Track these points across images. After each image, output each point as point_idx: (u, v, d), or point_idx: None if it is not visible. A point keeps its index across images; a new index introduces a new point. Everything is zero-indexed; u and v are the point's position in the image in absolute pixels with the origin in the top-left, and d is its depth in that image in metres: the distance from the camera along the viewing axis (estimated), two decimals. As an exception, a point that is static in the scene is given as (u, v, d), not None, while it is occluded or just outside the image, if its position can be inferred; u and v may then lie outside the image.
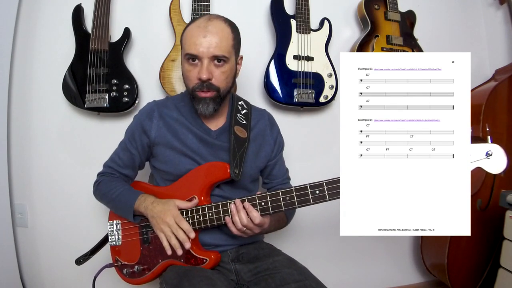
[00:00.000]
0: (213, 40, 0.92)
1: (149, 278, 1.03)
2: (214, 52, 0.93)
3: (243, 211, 0.90)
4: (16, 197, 1.48)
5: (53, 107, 1.47)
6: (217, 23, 0.96)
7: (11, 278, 1.43)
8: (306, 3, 1.49)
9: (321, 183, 0.86)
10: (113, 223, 1.08)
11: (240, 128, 1.05)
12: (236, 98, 1.12)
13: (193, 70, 0.95)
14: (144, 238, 1.03)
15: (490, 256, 1.47)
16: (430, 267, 1.64)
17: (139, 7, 1.51)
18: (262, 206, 0.90)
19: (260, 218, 0.89)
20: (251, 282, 0.97)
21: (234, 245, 1.04)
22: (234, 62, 1.01)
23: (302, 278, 0.91)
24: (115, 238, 1.07)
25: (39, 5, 1.47)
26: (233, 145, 1.01)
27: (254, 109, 1.15)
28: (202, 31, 0.93)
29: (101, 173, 1.12)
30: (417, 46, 1.60)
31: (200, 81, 0.95)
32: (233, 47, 0.98)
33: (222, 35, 0.94)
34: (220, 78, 0.96)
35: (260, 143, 1.10)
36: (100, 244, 1.15)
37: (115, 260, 1.08)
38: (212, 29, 0.94)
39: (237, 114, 1.08)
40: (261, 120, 1.13)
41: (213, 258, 0.96)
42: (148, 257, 1.03)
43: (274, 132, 1.15)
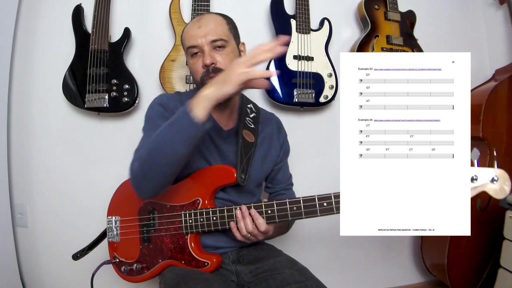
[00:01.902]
0: (208, 27, 0.95)
1: (147, 277, 1.03)
2: (211, 38, 0.94)
3: (249, 218, 0.89)
4: (16, 197, 1.48)
5: (53, 107, 1.47)
6: (209, 15, 1.01)
7: (11, 278, 1.43)
8: (306, 3, 1.49)
9: (329, 195, 0.86)
10: (112, 219, 1.07)
11: (248, 132, 1.04)
12: (245, 100, 1.12)
13: (198, 61, 0.96)
14: (144, 237, 1.03)
15: (490, 256, 1.47)
16: (430, 267, 1.64)
17: (139, 7, 1.52)
18: (268, 214, 0.89)
19: (265, 225, 0.89)
20: (251, 283, 0.97)
21: (235, 247, 1.04)
22: (235, 45, 1.01)
23: (303, 279, 0.91)
24: (113, 234, 1.06)
25: (39, 5, 1.47)
26: (240, 149, 1.00)
27: (263, 113, 1.15)
28: (196, 23, 0.97)
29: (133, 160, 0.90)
30: (417, 46, 1.60)
31: (206, 68, 0.95)
32: (229, 31, 0.99)
33: (215, 22, 0.97)
34: (224, 61, 0.96)
35: (267, 147, 1.09)
36: (98, 239, 1.14)
37: (112, 256, 1.07)
38: (204, 20, 0.97)
39: (246, 117, 1.07)
40: (269, 125, 1.13)
41: (215, 262, 0.95)
42: (148, 256, 1.02)
43: (281, 137, 1.14)
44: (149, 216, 1.01)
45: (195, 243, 0.97)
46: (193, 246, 0.97)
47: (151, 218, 1.01)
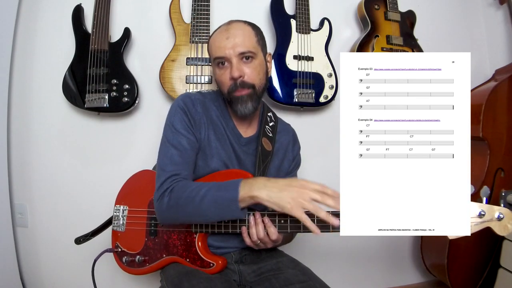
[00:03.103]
0: (237, 39, 0.94)
1: (148, 271, 1.02)
2: (240, 50, 0.93)
3: (261, 225, 0.88)
4: (16, 197, 1.48)
5: (53, 107, 1.47)
6: (237, 24, 0.98)
7: (11, 278, 1.43)
8: (306, 3, 1.50)
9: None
10: (119, 208, 1.06)
11: (266, 141, 1.04)
12: (266, 109, 1.12)
13: (225, 73, 0.95)
14: (151, 230, 1.01)
15: (490, 256, 1.47)
16: (430, 267, 1.64)
17: (139, 7, 1.52)
18: (281, 224, 0.87)
19: (277, 234, 0.87)
20: (254, 282, 0.97)
21: (238, 247, 1.04)
22: (263, 57, 1.00)
23: (306, 279, 0.91)
24: (119, 224, 1.05)
25: (39, 5, 1.47)
26: (259, 156, 1.00)
27: (280, 123, 1.15)
28: (224, 34, 0.95)
29: (165, 189, 0.89)
30: (417, 46, 1.60)
31: (233, 81, 0.94)
32: (257, 42, 0.98)
33: (244, 33, 0.96)
34: (252, 75, 0.95)
35: (282, 158, 1.09)
36: (102, 226, 1.13)
37: (114, 245, 1.06)
38: (233, 30, 0.96)
39: (265, 125, 1.07)
40: (286, 135, 1.13)
41: (220, 264, 0.94)
42: (152, 250, 1.01)
43: (296, 149, 1.15)
44: None
45: (202, 242, 0.96)
46: (200, 246, 0.96)
47: None
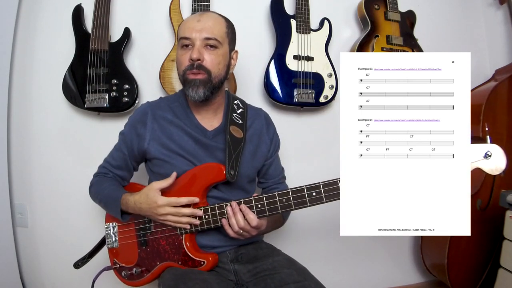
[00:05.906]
0: (207, 24, 0.95)
1: (148, 280, 1.03)
2: (206, 35, 0.94)
3: (239, 214, 0.89)
4: (16, 197, 1.48)
5: (53, 107, 1.47)
6: (212, 13, 1.01)
7: (11, 278, 1.43)
8: (306, 3, 1.49)
9: (318, 184, 0.86)
10: (109, 225, 1.07)
11: (236, 128, 1.04)
12: (232, 97, 1.12)
13: (186, 54, 0.96)
14: (141, 241, 1.03)
15: (490, 256, 1.47)
16: (430, 267, 1.64)
17: (139, 7, 1.51)
18: (259, 208, 0.90)
19: (257, 220, 0.89)
20: (250, 282, 0.97)
21: (233, 246, 1.04)
22: (227, 51, 1.00)
23: (302, 279, 0.90)
24: (112, 241, 1.07)
25: (39, 5, 1.47)
26: (228, 145, 0.99)
27: (250, 108, 1.14)
28: (196, 17, 0.98)
29: (96, 173, 1.12)
30: (417, 46, 1.60)
31: (191, 62, 0.95)
32: (226, 34, 0.99)
33: (215, 21, 0.97)
34: (211, 62, 0.95)
35: (256, 143, 1.09)
36: (97, 246, 1.14)
37: (113, 262, 1.08)
38: (206, 16, 0.98)
39: (232, 113, 1.07)
40: (258, 120, 1.12)
41: (211, 260, 0.96)
42: (146, 260, 1.02)
43: (271, 132, 1.14)
44: (145, 219, 1.02)
45: (190, 242, 0.97)
46: (188, 246, 0.97)
47: (147, 221, 1.02)
